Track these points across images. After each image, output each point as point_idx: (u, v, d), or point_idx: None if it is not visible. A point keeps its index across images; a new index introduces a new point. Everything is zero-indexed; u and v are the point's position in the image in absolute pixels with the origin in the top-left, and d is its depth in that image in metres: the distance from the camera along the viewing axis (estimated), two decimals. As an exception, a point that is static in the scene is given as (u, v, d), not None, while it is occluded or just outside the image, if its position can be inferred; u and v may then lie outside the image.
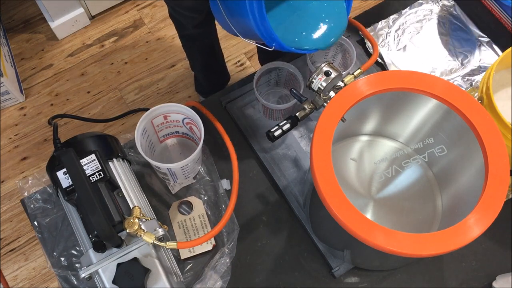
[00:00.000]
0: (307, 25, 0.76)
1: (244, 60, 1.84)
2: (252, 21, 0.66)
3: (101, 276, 0.65)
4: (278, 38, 0.68)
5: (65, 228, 0.84)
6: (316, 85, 0.73)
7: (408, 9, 1.04)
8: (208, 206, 0.86)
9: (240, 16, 0.70)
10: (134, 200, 0.73)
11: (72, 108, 1.77)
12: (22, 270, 1.53)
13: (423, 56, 0.99)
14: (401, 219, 0.75)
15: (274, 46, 0.70)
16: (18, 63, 1.85)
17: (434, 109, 0.70)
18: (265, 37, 0.68)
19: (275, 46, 0.70)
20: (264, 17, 0.65)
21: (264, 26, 0.66)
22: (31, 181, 0.86)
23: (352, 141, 0.81)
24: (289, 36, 0.75)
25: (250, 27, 0.69)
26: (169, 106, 0.80)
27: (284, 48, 0.71)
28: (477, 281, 0.81)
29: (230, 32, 0.78)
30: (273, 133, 0.75)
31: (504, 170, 0.60)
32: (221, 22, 0.79)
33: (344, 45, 0.90)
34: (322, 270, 0.82)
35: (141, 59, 1.85)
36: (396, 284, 0.81)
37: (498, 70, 0.83)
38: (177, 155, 0.90)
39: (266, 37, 0.68)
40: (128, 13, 1.94)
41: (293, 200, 0.85)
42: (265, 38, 0.68)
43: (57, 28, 1.84)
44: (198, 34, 1.30)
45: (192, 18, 1.21)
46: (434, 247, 0.57)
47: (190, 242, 0.70)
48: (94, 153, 0.70)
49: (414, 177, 0.77)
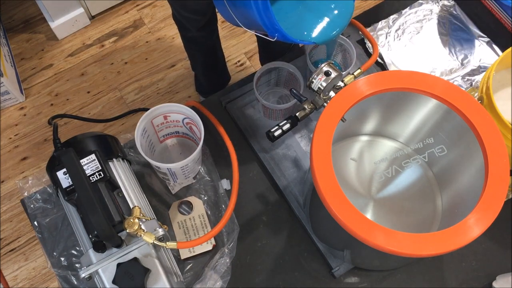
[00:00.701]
0: (312, 16, 0.76)
1: (244, 60, 1.84)
2: (255, 11, 0.65)
3: (101, 276, 0.65)
4: (282, 29, 0.67)
5: (65, 228, 0.84)
6: (316, 85, 0.73)
7: (408, 9, 1.04)
8: (208, 206, 0.86)
9: (243, 7, 0.69)
10: (134, 200, 0.73)
11: (72, 108, 1.77)
12: (22, 270, 1.53)
13: (423, 56, 0.99)
14: (401, 219, 0.75)
15: (276, 37, 0.69)
16: (18, 63, 1.85)
17: (434, 109, 0.70)
18: (268, 28, 0.67)
19: (278, 37, 0.69)
20: (267, 8, 0.64)
21: (268, 16, 0.65)
22: (31, 181, 0.86)
23: (352, 141, 0.81)
24: (293, 27, 0.75)
25: (253, 18, 0.68)
26: (169, 106, 0.80)
27: (288, 39, 0.69)
28: (477, 281, 0.81)
29: (233, 23, 0.77)
30: (273, 133, 0.75)
31: (504, 170, 0.60)
32: (223, 13, 0.78)
33: (344, 45, 0.90)
34: (322, 270, 0.82)
35: (141, 59, 1.85)
36: (396, 284, 0.81)
37: (498, 70, 0.83)
38: (177, 155, 0.90)
39: (270, 27, 0.67)
40: (128, 13, 1.94)
41: (293, 200, 0.85)
42: (268, 28, 0.68)
43: (57, 28, 1.84)
44: (201, 36, 1.30)
45: (196, 20, 1.20)
46: (434, 247, 0.57)
47: (190, 242, 0.70)
48: (94, 153, 0.70)
49: (414, 177, 0.77)
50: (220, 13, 0.78)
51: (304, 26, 0.75)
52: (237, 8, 0.73)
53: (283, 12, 0.75)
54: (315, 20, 0.76)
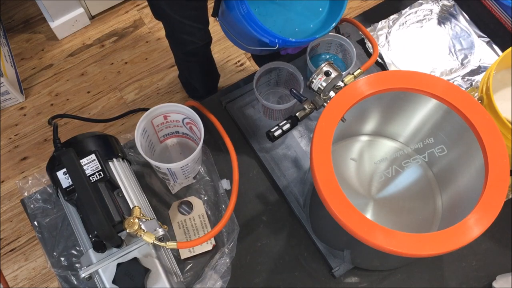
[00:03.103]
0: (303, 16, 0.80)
1: (244, 60, 1.84)
2: (247, 24, 0.70)
3: (101, 276, 0.65)
4: (275, 33, 0.71)
5: (65, 228, 0.84)
6: (316, 85, 0.73)
7: (408, 9, 1.04)
8: (208, 206, 0.86)
9: (238, 25, 0.73)
10: (134, 200, 0.73)
11: (72, 108, 1.77)
12: (22, 270, 1.53)
13: (423, 56, 0.99)
14: (401, 219, 0.75)
15: (278, 44, 0.71)
16: (18, 63, 1.85)
17: (434, 109, 0.70)
18: (264, 36, 0.71)
19: (279, 44, 0.71)
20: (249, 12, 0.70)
21: (253, 20, 0.70)
22: (31, 181, 0.86)
23: (352, 141, 0.81)
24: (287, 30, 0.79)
25: (249, 33, 0.72)
26: (169, 106, 0.80)
27: (288, 42, 0.72)
28: (477, 281, 0.81)
29: (242, 49, 0.85)
30: (273, 133, 0.75)
31: (504, 170, 0.60)
32: (232, 41, 0.85)
33: (344, 45, 0.90)
34: (322, 270, 0.82)
35: (141, 59, 1.85)
36: (396, 284, 0.81)
37: (498, 70, 0.83)
38: (177, 155, 0.90)
39: (264, 35, 0.71)
40: (128, 13, 1.94)
41: (293, 200, 0.85)
42: (264, 36, 0.71)
43: (57, 28, 1.84)
44: (201, 46, 1.28)
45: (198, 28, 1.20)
46: (434, 247, 0.57)
47: (190, 242, 0.70)
48: (94, 153, 0.70)
49: (414, 177, 0.77)
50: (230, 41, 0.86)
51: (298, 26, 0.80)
52: (232, 27, 0.79)
53: (272, 20, 0.79)
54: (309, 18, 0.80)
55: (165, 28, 1.28)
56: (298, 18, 0.80)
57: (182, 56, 1.37)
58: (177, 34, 1.22)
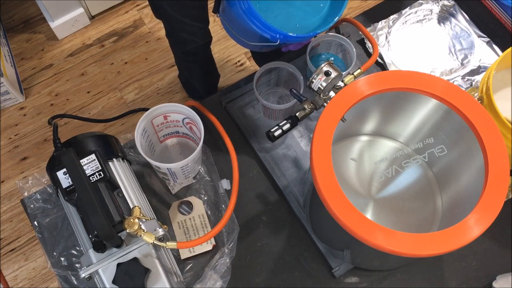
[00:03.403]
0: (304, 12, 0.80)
1: (244, 60, 1.84)
2: (248, 20, 0.70)
3: (101, 276, 0.65)
4: (276, 29, 0.71)
5: (65, 228, 0.84)
6: (316, 85, 0.73)
7: (408, 9, 1.04)
8: (208, 206, 0.86)
9: (239, 21, 0.73)
10: (134, 200, 0.73)
11: (72, 108, 1.77)
12: (22, 270, 1.53)
13: (423, 56, 0.99)
14: (401, 219, 0.75)
15: (279, 40, 0.71)
16: (18, 63, 1.85)
17: (434, 109, 0.69)
18: (265, 31, 0.71)
19: (280, 39, 0.72)
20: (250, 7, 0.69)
21: (254, 16, 0.70)
22: (31, 181, 0.86)
23: (352, 141, 0.81)
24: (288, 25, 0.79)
25: (250, 29, 0.72)
26: (169, 106, 0.80)
27: (289, 37, 0.72)
28: (477, 281, 0.81)
29: (243, 45, 0.85)
30: (273, 133, 0.75)
31: (504, 170, 0.60)
32: (233, 37, 0.85)
33: (344, 45, 0.90)
34: (322, 270, 0.82)
35: (141, 59, 1.85)
36: (396, 284, 0.81)
37: (498, 70, 0.83)
38: (177, 155, 0.90)
39: (265, 30, 0.71)
40: (128, 13, 1.94)
41: (293, 200, 0.85)
42: (265, 32, 0.71)
43: (57, 28, 1.84)
44: (201, 45, 1.28)
45: (198, 27, 1.20)
46: (434, 247, 0.57)
47: (190, 242, 0.70)
48: (94, 153, 0.70)
49: (414, 177, 0.77)
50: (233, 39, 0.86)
51: (298, 21, 0.80)
52: (233, 23, 0.79)
53: (272, 16, 0.79)
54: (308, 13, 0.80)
55: (165, 27, 1.28)
56: (299, 14, 0.80)
57: (182, 56, 1.37)
58: (177, 33, 1.22)
